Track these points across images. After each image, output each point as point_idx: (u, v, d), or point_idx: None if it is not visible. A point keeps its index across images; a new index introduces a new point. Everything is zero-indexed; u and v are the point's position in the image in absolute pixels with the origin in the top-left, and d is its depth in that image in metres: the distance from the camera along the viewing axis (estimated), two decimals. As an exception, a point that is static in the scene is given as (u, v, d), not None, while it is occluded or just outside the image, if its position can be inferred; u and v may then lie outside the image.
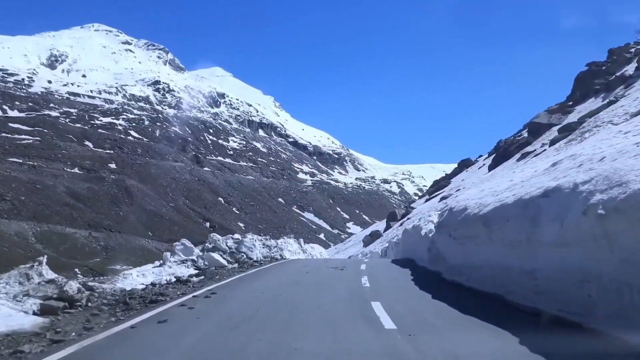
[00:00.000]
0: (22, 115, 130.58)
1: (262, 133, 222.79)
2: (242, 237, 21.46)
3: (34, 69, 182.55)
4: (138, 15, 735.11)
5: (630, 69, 29.55)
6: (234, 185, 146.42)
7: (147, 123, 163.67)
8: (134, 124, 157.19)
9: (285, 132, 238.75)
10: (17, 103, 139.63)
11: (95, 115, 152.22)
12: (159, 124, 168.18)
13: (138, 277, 13.15)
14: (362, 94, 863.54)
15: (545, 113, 33.90)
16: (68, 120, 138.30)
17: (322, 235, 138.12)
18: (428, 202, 47.14)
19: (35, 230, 68.82)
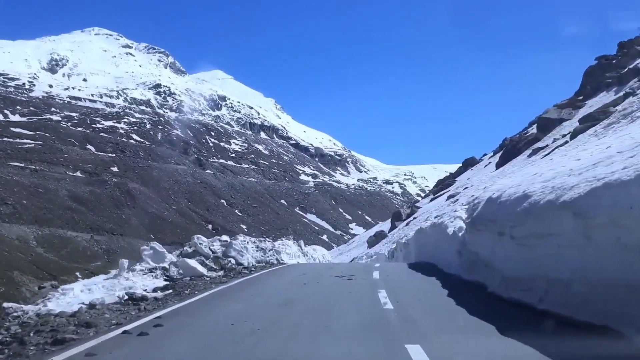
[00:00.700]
0: (23, 120, 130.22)
1: (263, 135, 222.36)
2: (231, 239, 18.89)
3: (35, 74, 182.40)
4: (138, 19, 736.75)
5: (643, 62, 28.91)
6: (236, 188, 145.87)
7: (148, 126, 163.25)
8: (136, 128, 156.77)
9: (287, 134, 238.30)
10: (18, 107, 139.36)
11: (97, 119, 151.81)
12: (161, 127, 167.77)
13: (82, 292, 10.63)
14: (363, 96, 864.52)
15: (555, 108, 33.24)
16: (69, 124, 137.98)
17: (324, 237, 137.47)
18: (433, 201, 46.53)
19: (37, 234, 68.23)
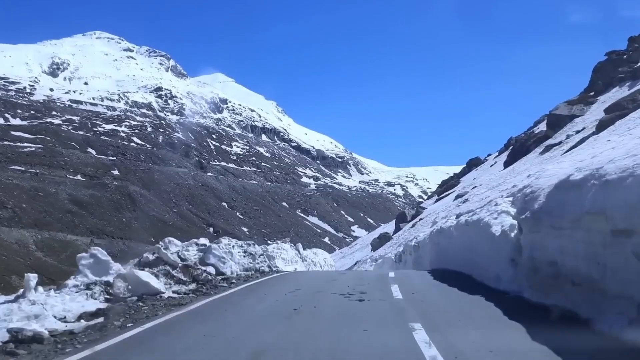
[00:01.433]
0: (24, 124, 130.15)
1: (265, 138, 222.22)
2: (214, 242, 15.64)
3: (36, 77, 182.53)
4: (140, 23, 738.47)
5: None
6: (238, 190, 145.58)
7: (149, 129, 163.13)
8: (137, 131, 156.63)
9: (289, 136, 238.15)
10: (19, 111, 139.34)
11: (98, 123, 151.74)
12: (162, 130, 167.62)
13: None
14: (364, 98, 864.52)
15: (565, 105, 32.79)
16: (70, 128, 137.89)
17: (326, 239, 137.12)
18: (439, 202, 45.97)
19: (36, 238, 67.97)
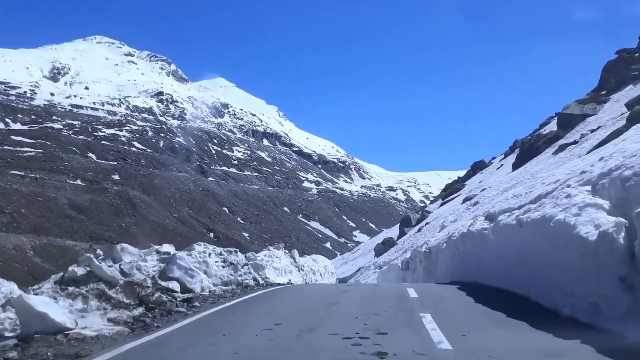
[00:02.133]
0: (24, 128, 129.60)
1: (266, 142, 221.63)
2: (183, 250, 12.32)
3: (37, 82, 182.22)
4: (140, 27, 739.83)
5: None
6: (239, 195, 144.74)
7: (150, 134, 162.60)
8: (138, 135, 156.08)
9: (290, 141, 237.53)
10: (19, 116, 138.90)
11: (98, 127, 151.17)
12: (163, 135, 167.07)
13: None
14: (366, 102, 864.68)
15: (576, 104, 32.02)
16: (71, 132, 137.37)
17: (328, 244, 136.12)
18: (444, 205, 45.01)
19: (34, 244, 66.94)
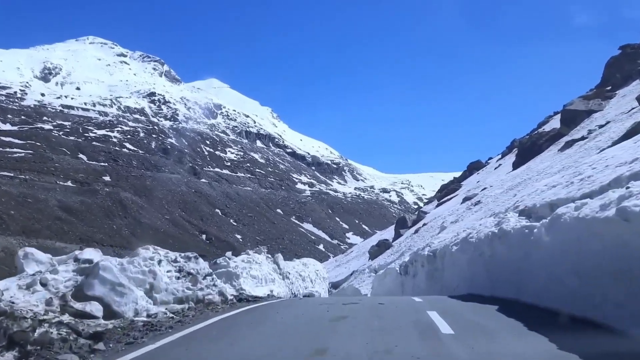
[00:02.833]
0: (14, 129, 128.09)
1: (259, 144, 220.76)
2: (128, 257, 9.51)
3: (27, 82, 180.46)
4: (133, 28, 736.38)
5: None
6: (232, 197, 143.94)
7: (142, 135, 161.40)
8: (129, 136, 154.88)
9: (283, 142, 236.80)
10: (9, 116, 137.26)
11: (90, 128, 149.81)
12: (155, 136, 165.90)
13: None
14: (359, 104, 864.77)
15: (581, 100, 31.71)
16: (61, 133, 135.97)
17: (321, 246, 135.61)
18: (442, 206, 44.50)
19: (24, 246, 66.04)
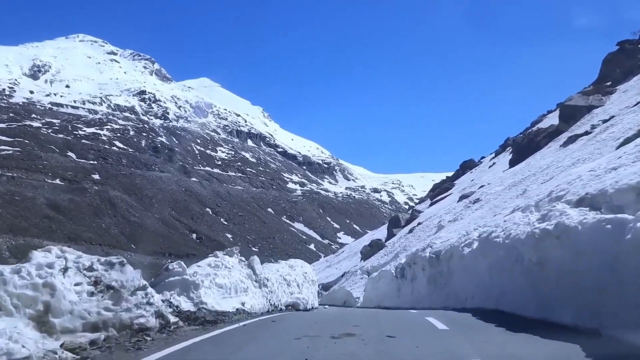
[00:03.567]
0: (2, 126, 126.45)
1: (250, 143, 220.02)
2: (18, 264, 6.72)
3: (16, 79, 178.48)
4: (124, 26, 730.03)
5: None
6: (222, 196, 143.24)
7: (132, 133, 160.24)
8: (119, 134, 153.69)
9: (275, 142, 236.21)
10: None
11: (79, 126, 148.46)
12: (145, 134, 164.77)
13: None
14: (350, 105, 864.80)
15: (580, 96, 31.67)
16: (50, 131, 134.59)
17: (312, 246, 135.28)
18: (436, 205, 44.14)
19: (10, 244, 65.22)
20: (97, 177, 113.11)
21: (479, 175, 45.67)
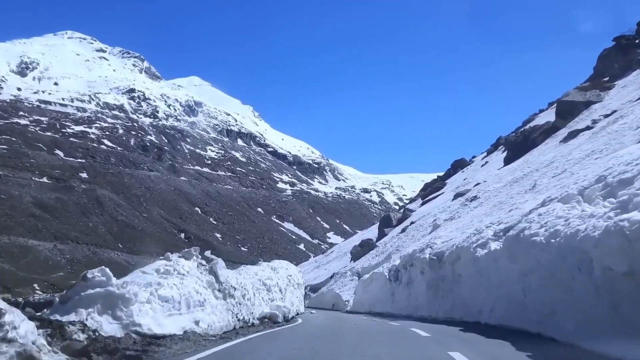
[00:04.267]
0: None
1: (241, 142, 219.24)
2: None
3: (3, 76, 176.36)
4: (113, 23, 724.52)
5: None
6: (212, 195, 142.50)
7: (121, 131, 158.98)
8: (108, 133, 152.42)
9: (265, 141, 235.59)
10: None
11: (67, 124, 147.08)
12: (134, 133, 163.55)
13: None
14: (340, 105, 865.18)
15: (577, 91, 31.61)
16: (38, 129, 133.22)
17: (302, 246, 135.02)
18: (429, 203, 44.03)
19: (-5, 243, 64.40)
20: (84, 175, 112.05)
21: (472, 174, 45.66)
